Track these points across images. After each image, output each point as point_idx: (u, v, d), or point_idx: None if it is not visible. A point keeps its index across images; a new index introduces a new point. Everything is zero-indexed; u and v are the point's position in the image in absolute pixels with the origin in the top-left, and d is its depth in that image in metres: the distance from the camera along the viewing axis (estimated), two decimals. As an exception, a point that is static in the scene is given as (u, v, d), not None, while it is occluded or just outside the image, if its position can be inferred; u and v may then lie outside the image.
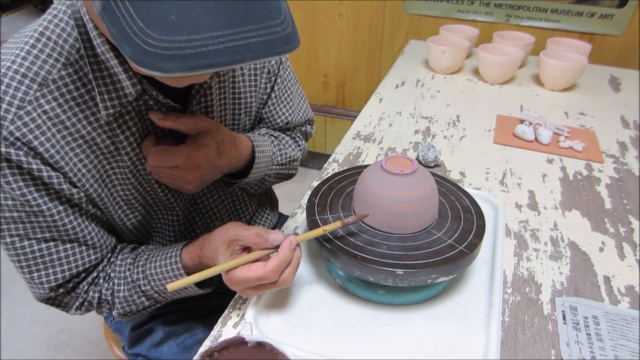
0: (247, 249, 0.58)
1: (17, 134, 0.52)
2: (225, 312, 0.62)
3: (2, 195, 0.55)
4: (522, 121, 1.08)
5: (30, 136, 0.53)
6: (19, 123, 0.52)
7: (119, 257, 0.67)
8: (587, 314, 0.63)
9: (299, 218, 0.80)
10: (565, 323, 0.62)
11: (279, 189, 1.03)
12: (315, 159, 2.25)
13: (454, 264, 0.57)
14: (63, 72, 0.54)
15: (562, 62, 1.20)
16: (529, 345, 0.59)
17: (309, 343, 0.57)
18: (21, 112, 0.52)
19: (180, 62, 0.39)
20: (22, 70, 0.53)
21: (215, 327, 0.60)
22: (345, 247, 0.59)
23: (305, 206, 0.68)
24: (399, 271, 0.55)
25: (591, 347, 0.59)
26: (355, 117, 1.12)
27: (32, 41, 0.54)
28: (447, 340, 0.58)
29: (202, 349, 0.57)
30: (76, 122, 0.56)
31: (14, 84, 0.52)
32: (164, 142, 0.64)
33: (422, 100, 1.22)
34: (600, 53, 1.58)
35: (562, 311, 0.63)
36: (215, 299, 0.75)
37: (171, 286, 0.53)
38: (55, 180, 0.56)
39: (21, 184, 0.55)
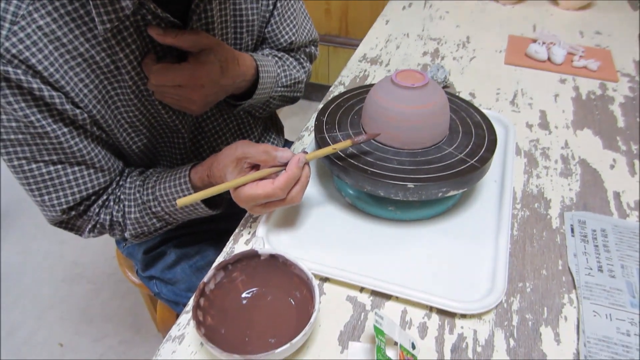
0: (255, 167, 0.57)
1: (14, 51, 0.50)
2: (237, 230, 0.63)
3: (4, 117, 0.54)
4: (534, 40, 1.04)
5: (27, 53, 0.51)
6: (14, 39, 0.50)
7: (128, 180, 0.66)
8: (596, 227, 0.63)
9: (306, 140, 0.78)
10: (573, 236, 0.62)
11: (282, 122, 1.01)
12: (319, 92, 2.20)
13: (465, 177, 0.56)
14: None
15: (580, -23, 1.14)
16: (537, 256, 0.59)
17: (319, 257, 0.58)
18: (15, 28, 0.50)
19: None
20: None
21: (227, 244, 0.61)
22: (356, 163, 0.58)
23: (312, 126, 0.67)
24: (410, 184, 0.55)
25: (598, 257, 0.59)
26: (360, 46, 1.08)
27: None
28: (457, 253, 0.59)
29: (216, 263, 0.58)
30: (73, 39, 0.54)
31: None
32: (165, 60, 0.62)
33: (430, 22, 1.16)
34: (619, -31, 1.49)
35: (571, 225, 0.64)
36: (225, 222, 0.76)
37: (181, 201, 0.52)
38: (57, 101, 0.54)
39: (23, 104, 0.53)
